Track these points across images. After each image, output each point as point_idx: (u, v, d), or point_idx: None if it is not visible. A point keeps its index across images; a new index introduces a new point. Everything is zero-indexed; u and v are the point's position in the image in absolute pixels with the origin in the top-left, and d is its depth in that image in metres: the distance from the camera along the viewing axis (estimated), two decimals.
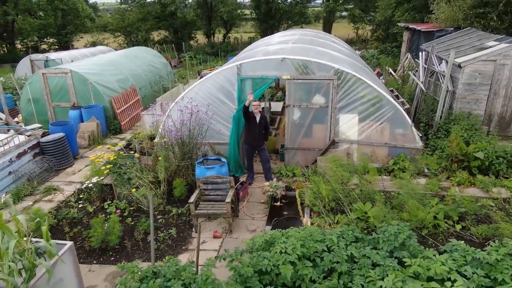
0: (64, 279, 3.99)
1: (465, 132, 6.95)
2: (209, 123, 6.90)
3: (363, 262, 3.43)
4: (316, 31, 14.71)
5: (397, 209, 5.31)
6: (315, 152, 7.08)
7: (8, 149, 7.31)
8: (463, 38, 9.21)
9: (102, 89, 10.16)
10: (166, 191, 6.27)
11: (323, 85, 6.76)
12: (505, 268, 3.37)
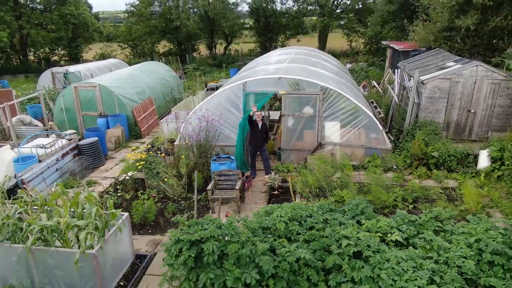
0: (123, 239, 5.57)
1: (426, 136, 8.57)
2: (220, 129, 8.52)
3: (333, 222, 5.01)
4: (310, 48, 16.38)
5: (366, 194, 6.89)
6: (305, 152, 8.68)
7: (54, 150, 8.90)
8: (431, 58, 10.89)
9: (125, 100, 11.78)
10: (186, 183, 7.85)
11: (311, 99, 8.40)
12: (429, 226, 4.95)
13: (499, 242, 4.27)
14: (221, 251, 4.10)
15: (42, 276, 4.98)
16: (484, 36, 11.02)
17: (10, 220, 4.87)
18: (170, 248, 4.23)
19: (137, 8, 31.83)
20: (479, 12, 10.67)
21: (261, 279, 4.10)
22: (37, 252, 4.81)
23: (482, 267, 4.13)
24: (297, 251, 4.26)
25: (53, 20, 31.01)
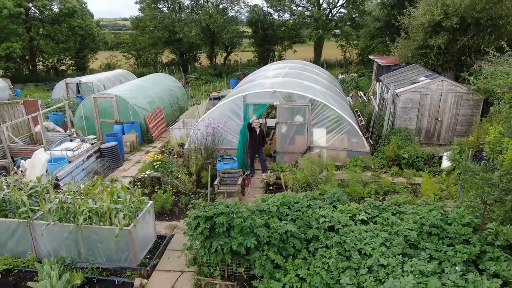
0: (149, 221, 6.94)
1: (399, 141, 10.00)
2: (224, 135, 9.93)
3: (315, 206, 6.40)
4: (303, 62, 17.89)
5: (345, 187, 8.29)
6: (297, 154, 10.09)
7: (80, 153, 10.29)
8: (408, 72, 12.38)
9: (138, 109, 13.20)
10: (196, 180, 9.23)
11: (301, 109, 9.84)
12: (389, 209, 6.35)
13: (437, 218, 5.67)
14: (228, 224, 5.49)
15: (87, 249, 6.34)
16: (454, 54, 12.52)
17: (65, 204, 6.25)
18: (190, 222, 5.62)
19: (142, 21, 33.39)
20: (448, 33, 12.18)
21: (258, 245, 5.49)
22: (85, 229, 6.18)
23: (423, 236, 5.52)
24: (286, 226, 5.65)
25: (62, 32, 32.50)
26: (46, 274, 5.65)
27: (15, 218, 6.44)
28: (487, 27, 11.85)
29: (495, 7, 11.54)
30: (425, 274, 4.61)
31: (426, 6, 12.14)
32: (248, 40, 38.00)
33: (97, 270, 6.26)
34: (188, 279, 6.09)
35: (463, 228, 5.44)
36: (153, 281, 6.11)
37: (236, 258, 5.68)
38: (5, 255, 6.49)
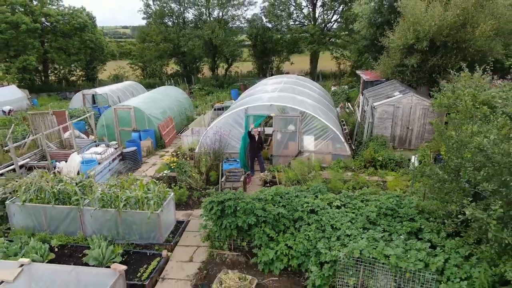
0: (171, 209, 8.71)
1: (376, 146, 11.82)
2: (228, 141, 11.74)
3: (301, 196, 8.19)
4: (297, 77, 19.79)
5: (327, 184, 10.07)
6: (290, 158, 11.89)
7: (107, 156, 12.09)
8: (385, 87, 14.26)
9: (152, 118, 15.03)
10: (205, 178, 11.02)
11: (293, 119, 11.67)
12: (358, 198, 8.14)
13: (392, 204, 7.45)
14: (235, 207, 7.27)
15: (124, 229, 8.10)
16: (426, 71, 14.41)
17: (108, 194, 8.03)
18: (206, 206, 7.40)
19: (148, 35, 35.41)
20: (421, 54, 14.08)
21: (257, 223, 7.26)
22: (123, 213, 7.95)
23: (381, 216, 7.29)
24: (278, 209, 7.43)
25: (74, 45, 34.48)
26: (96, 245, 7.41)
27: (66, 205, 8.22)
28: (453, 49, 13.78)
29: (459, 32, 13.48)
30: (376, 240, 6.39)
31: (401, 31, 14.08)
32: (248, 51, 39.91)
33: (132, 245, 8.01)
34: (203, 252, 7.84)
35: (410, 210, 7.23)
36: (176, 253, 7.87)
37: (240, 233, 7.46)
38: (59, 234, 8.25)
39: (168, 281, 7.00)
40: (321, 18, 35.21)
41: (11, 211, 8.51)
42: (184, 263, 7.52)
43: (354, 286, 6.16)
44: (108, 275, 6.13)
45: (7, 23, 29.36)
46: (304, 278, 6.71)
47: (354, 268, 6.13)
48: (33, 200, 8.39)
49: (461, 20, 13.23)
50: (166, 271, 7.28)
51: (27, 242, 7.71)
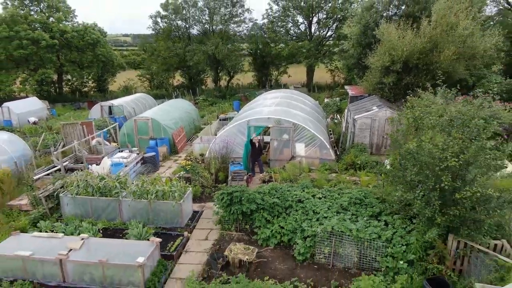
0: (189, 200, 10.92)
1: (356, 152, 14.06)
2: (233, 147, 13.99)
3: (291, 190, 10.42)
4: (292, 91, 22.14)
5: (314, 182, 12.28)
6: (284, 161, 14.10)
7: (131, 160, 14.31)
8: (366, 102, 16.55)
9: (167, 128, 17.29)
10: (214, 178, 13.23)
11: (287, 130, 13.94)
12: (336, 192, 10.36)
13: (360, 195, 9.67)
14: (240, 197, 9.49)
15: (153, 216, 10.29)
16: (401, 88, 16.70)
17: (142, 188, 10.25)
18: (218, 196, 9.62)
19: (156, 50, 37.86)
20: (396, 73, 16.39)
21: (257, 209, 9.47)
22: (153, 203, 10.15)
23: (351, 204, 9.50)
24: (273, 199, 9.65)
25: (87, 59, 36.91)
26: (134, 227, 9.59)
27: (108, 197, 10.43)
28: (423, 70, 16.12)
29: (428, 56, 15.84)
30: (345, 220, 8.60)
31: (379, 55, 16.44)
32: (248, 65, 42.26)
33: (159, 228, 10.17)
34: (215, 233, 10.03)
35: (373, 200, 9.46)
36: (194, 234, 10.06)
37: (244, 218, 9.67)
38: (102, 220, 10.42)
39: (190, 253, 9.19)
40: (317, 34, 37.70)
41: (64, 202, 10.72)
42: (201, 241, 9.71)
43: (328, 253, 8.36)
44: (147, 245, 8.35)
45: (28, 39, 31.80)
46: (292, 250, 8.89)
47: (328, 240, 8.34)
48: (81, 193, 10.60)
49: (429, 46, 15.61)
50: (188, 246, 9.47)
51: (80, 225, 9.90)
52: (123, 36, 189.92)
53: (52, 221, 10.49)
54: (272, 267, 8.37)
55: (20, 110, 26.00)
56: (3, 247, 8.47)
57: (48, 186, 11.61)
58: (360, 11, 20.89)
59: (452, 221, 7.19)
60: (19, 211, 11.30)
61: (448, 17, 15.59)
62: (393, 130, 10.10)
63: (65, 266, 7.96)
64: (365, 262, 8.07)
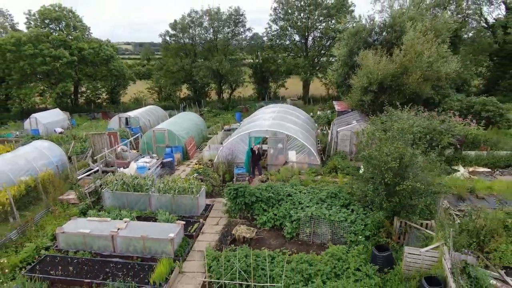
0: (203, 196, 13.75)
1: (338, 158, 16.90)
2: (237, 154, 16.85)
3: (283, 187, 13.25)
4: (288, 106, 25.06)
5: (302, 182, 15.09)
6: (279, 166, 16.93)
7: (153, 164, 17.15)
8: (349, 117, 19.43)
9: (181, 138, 20.16)
10: (222, 179, 16.06)
11: (281, 140, 16.81)
12: (318, 188, 13.19)
13: (335, 190, 12.50)
14: (243, 191, 12.31)
15: (176, 207, 13.09)
16: (378, 105, 19.60)
17: (167, 186, 13.08)
18: (227, 191, 12.45)
19: (165, 65, 40.97)
20: (374, 93, 19.34)
21: (256, 201, 12.29)
22: (175, 197, 12.97)
23: (328, 197, 12.32)
24: (269, 194, 12.48)
25: (102, 73, 39.93)
26: (162, 214, 12.38)
27: (140, 192, 13.24)
28: (396, 90, 19.07)
29: (399, 79, 18.80)
30: (321, 208, 11.42)
31: (359, 77, 19.41)
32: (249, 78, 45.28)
33: (180, 216, 12.96)
34: (224, 220, 12.82)
35: (345, 194, 12.29)
36: (208, 221, 12.85)
37: (247, 208, 12.48)
38: (135, 210, 13.22)
39: (205, 234, 11.98)
40: (312, 52, 40.83)
41: (105, 196, 13.54)
42: (213, 225, 12.51)
43: (309, 233, 11.15)
44: (174, 226, 11.16)
45: (51, 56, 34.86)
46: (282, 230, 11.67)
47: (309, 222, 11.15)
48: (119, 189, 13.42)
49: (400, 70, 18.57)
50: (204, 229, 12.27)
51: (120, 213, 12.70)
52: (124, 44, 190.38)
53: (96, 211, 13.29)
54: (267, 242, 11.17)
55: (46, 121, 28.96)
56: (67, 227, 11.29)
57: (90, 184, 14.44)
58: (346, 36, 23.94)
59: (395, 207, 10.02)
60: (68, 204, 14.10)
61: (416, 46, 18.58)
62: (358, 142, 12.95)
63: (115, 240, 10.76)
64: (335, 238, 10.87)
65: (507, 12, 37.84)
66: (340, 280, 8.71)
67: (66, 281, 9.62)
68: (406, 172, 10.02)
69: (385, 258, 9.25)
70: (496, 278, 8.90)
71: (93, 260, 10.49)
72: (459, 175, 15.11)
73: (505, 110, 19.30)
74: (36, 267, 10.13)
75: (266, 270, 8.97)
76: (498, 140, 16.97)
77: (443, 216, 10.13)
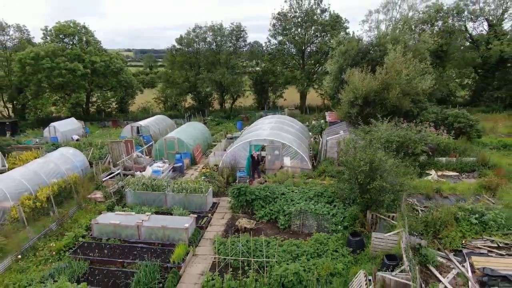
0: (210, 195, 16.10)
1: (327, 164, 19.25)
2: (239, 159, 19.21)
3: (278, 187, 15.59)
4: (285, 117, 27.49)
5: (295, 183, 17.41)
6: (275, 170, 19.27)
7: (165, 168, 19.51)
8: (337, 127, 21.82)
9: (189, 145, 22.54)
10: (226, 181, 18.40)
11: (278, 147, 19.19)
12: (307, 188, 15.54)
13: (321, 190, 14.83)
14: (245, 191, 14.65)
15: (188, 204, 15.42)
16: (363, 116, 22.00)
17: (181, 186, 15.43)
18: (231, 190, 14.80)
19: (171, 77, 43.55)
20: (359, 106, 21.76)
21: (255, 199, 14.63)
22: (188, 195, 15.31)
23: (315, 195, 14.65)
24: (266, 193, 14.82)
25: (112, 84, 42.46)
26: (177, 210, 14.68)
27: (157, 191, 15.57)
28: (378, 104, 21.50)
29: (382, 94, 21.24)
30: (309, 204, 13.75)
31: (346, 92, 21.87)
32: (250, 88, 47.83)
33: (191, 212, 15.26)
34: (228, 215, 15.13)
35: (329, 193, 14.63)
36: (215, 216, 15.16)
37: (247, 205, 14.80)
38: (153, 206, 15.53)
39: (213, 225, 14.29)
40: (308, 65, 43.44)
41: (128, 194, 15.87)
42: (219, 219, 14.83)
43: (299, 224, 13.47)
44: (188, 219, 13.49)
45: (66, 69, 37.41)
46: (277, 223, 13.97)
47: (299, 216, 13.47)
48: (139, 189, 15.76)
49: (382, 87, 21.03)
50: (212, 222, 14.58)
51: (141, 209, 15.02)
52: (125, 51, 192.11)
53: (120, 207, 15.61)
54: (265, 232, 13.48)
55: (63, 129, 31.39)
56: (100, 219, 13.61)
57: (114, 184, 16.79)
58: (337, 54, 26.48)
59: (367, 202, 12.35)
60: (95, 201, 16.42)
61: (396, 65, 21.07)
62: (339, 149, 15.31)
63: (140, 230, 13.08)
64: (320, 228, 13.18)
65: (489, 29, 40.54)
66: (321, 258, 11.01)
67: (103, 261, 11.91)
68: (375, 174, 12.36)
69: (358, 242, 11.57)
70: (443, 257, 11.22)
71: (122, 245, 12.79)
72: (430, 178, 17.45)
73: (474, 122, 21.67)
74: (77, 251, 12.44)
75: (263, 251, 11.27)
76: (466, 148, 19.32)
77: (405, 209, 12.45)
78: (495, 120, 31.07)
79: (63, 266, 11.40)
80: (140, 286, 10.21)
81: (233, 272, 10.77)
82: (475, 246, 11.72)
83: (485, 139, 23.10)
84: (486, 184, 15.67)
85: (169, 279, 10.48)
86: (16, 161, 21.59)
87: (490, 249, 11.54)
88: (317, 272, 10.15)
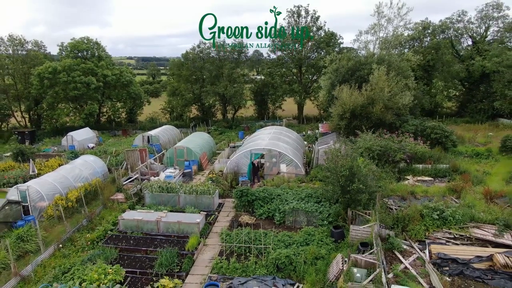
0: (217, 196, 18.58)
1: (318, 169, 21.73)
2: (241, 166, 21.72)
3: (275, 190, 18.07)
4: (282, 128, 30.08)
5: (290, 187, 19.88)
6: (273, 175, 21.73)
7: (176, 174, 22.01)
8: (328, 137, 24.34)
9: (196, 153, 25.06)
10: (229, 185, 20.87)
11: (275, 155, 21.71)
12: (300, 190, 18.01)
13: (311, 192, 17.31)
14: (246, 192, 17.15)
15: (197, 204, 17.89)
16: (351, 128, 24.53)
17: (192, 189, 17.93)
18: (235, 192, 17.28)
19: (177, 90, 46.29)
20: (347, 119, 24.31)
21: (255, 199, 17.10)
22: (198, 196, 17.79)
23: (306, 196, 17.12)
24: (264, 194, 17.30)
25: (122, 95, 45.10)
26: (189, 208, 17.14)
27: (172, 193, 18.05)
28: (364, 117, 24.08)
29: (367, 108, 23.84)
30: (301, 203, 16.22)
31: (336, 107, 24.47)
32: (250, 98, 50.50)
33: (201, 210, 17.69)
34: (233, 213, 17.57)
35: (318, 194, 17.10)
36: (221, 214, 17.60)
37: (249, 204, 17.26)
38: (168, 206, 17.98)
39: (220, 222, 16.74)
40: (305, 79, 46.17)
41: (146, 196, 18.35)
42: (225, 216, 17.29)
43: (292, 220, 15.92)
44: (199, 215, 15.97)
45: (81, 83, 40.12)
46: (274, 219, 16.42)
47: (292, 213, 15.92)
48: (156, 191, 18.24)
49: (367, 102, 23.63)
50: (218, 219, 17.04)
51: (159, 208, 17.47)
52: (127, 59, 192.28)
53: (140, 206, 18.06)
54: (263, 226, 15.91)
55: (80, 138, 33.95)
56: (125, 216, 16.08)
57: (133, 187, 19.28)
58: (329, 71, 29.16)
59: (348, 201, 14.83)
60: (117, 202, 18.88)
61: (380, 83, 23.70)
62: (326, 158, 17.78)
63: (159, 224, 15.53)
64: (309, 223, 15.62)
65: (473, 45, 43.36)
66: (309, 246, 13.45)
67: (130, 249, 14.35)
68: (354, 178, 14.85)
69: (339, 233, 14.03)
70: (408, 245, 13.66)
71: (144, 237, 15.23)
72: (407, 182, 19.93)
73: (449, 133, 24.20)
74: (108, 241, 14.88)
75: (262, 241, 13.72)
76: (440, 156, 21.82)
77: (378, 207, 14.92)
78: (476, 130, 33.62)
79: (98, 253, 13.82)
80: (163, 267, 12.63)
81: (237, 257, 13.20)
82: (436, 237, 14.15)
83: (461, 148, 25.60)
84: (453, 187, 18.14)
85: (186, 262, 12.92)
86: (42, 167, 24.11)
87: (447, 240, 13.97)
88: (304, 256, 12.58)
